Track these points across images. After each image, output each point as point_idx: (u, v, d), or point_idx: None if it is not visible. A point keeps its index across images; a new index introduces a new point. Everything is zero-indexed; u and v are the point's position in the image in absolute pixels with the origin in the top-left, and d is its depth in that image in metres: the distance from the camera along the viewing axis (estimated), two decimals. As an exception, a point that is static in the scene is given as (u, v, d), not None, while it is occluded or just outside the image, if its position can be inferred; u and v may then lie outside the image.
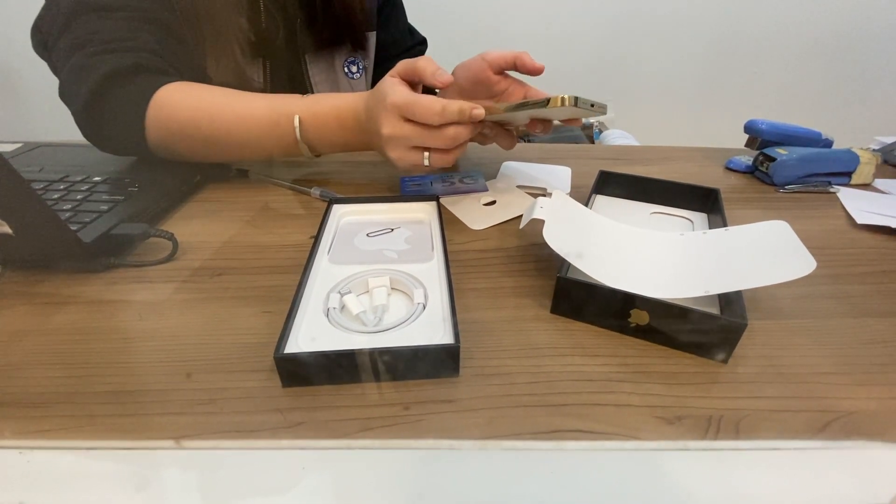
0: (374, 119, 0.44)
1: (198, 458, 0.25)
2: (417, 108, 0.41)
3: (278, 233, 0.44)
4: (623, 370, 0.30)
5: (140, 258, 0.40)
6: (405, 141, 0.43)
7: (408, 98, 0.42)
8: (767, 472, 0.24)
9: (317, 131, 0.49)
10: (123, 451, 0.25)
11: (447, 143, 0.43)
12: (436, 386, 0.28)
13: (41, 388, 0.28)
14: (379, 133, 0.44)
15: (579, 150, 0.70)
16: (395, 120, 0.43)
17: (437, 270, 0.36)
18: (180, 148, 0.50)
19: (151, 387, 0.28)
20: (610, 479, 0.24)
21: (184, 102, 0.48)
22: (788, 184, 0.55)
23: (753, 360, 0.31)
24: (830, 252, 0.43)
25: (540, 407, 0.27)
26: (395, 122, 0.43)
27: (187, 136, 0.49)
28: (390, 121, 0.43)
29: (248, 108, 0.49)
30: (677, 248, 0.38)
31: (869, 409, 0.27)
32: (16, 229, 0.32)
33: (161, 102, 0.48)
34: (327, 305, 0.32)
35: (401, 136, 0.43)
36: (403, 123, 0.43)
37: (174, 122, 0.48)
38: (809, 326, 0.34)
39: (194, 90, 0.49)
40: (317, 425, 0.26)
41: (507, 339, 0.32)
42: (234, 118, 0.48)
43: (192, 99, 0.49)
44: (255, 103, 0.49)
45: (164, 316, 0.34)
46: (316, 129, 0.49)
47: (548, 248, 0.33)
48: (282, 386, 0.28)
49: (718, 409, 0.27)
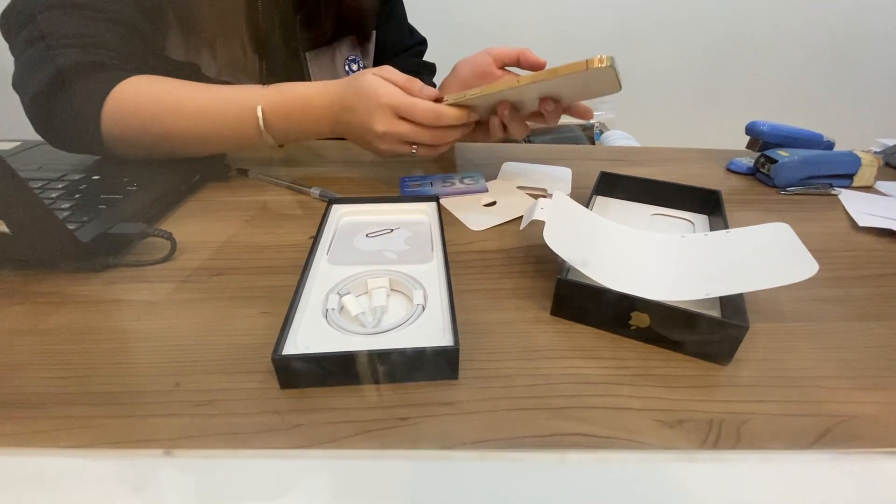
0: (359, 114, 0.46)
1: (195, 461, 0.24)
2: (416, 112, 0.45)
3: (277, 233, 0.44)
4: (623, 373, 0.29)
5: (138, 258, 0.39)
6: (399, 137, 0.46)
7: (404, 100, 0.45)
8: (769, 476, 0.24)
9: (280, 122, 0.48)
10: (120, 453, 0.25)
11: (439, 141, 0.47)
12: (435, 388, 0.28)
13: (38, 388, 0.28)
14: (369, 129, 0.46)
15: (580, 150, 0.69)
16: (389, 118, 0.45)
17: (436, 271, 0.36)
18: (143, 143, 0.49)
19: (149, 388, 0.28)
20: (610, 482, 0.24)
21: (145, 97, 0.47)
22: (790, 186, 0.55)
23: (754, 364, 0.30)
24: (832, 255, 0.43)
25: (540, 410, 0.27)
26: (389, 120, 0.45)
27: (148, 132, 0.48)
28: (385, 119, 0.45)
29: (209, 101, 0.48)
30: (678, 250, 0.38)
31: (871, 414, 0.27)
32: (13, 228, 0.32)
33: (120, 97, 0.46)
34: (326, 306, 0.32)
35: (395, 134, 0.46)
36: (398, 121, 0.46)
37: (134, 118, 0.47)
38: (811, 330, 0.34)
39: (155, 83, 0.48)
40: (315, 428, 0.26)
41: (506, 341, 0.32)
42: (195, 111, 0.48)
43: (153, 92, 0.48)
44: (217, 95, 0.48)
45: (162, 316, 0.34)
46: (280, 120, 0.48)
47: (548, 250, 0.33)
48: (280, 388, 0.28)
49: (719, 413, 0.27)
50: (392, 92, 0.45)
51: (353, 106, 0.47)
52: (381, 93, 0.45)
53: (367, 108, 0.45)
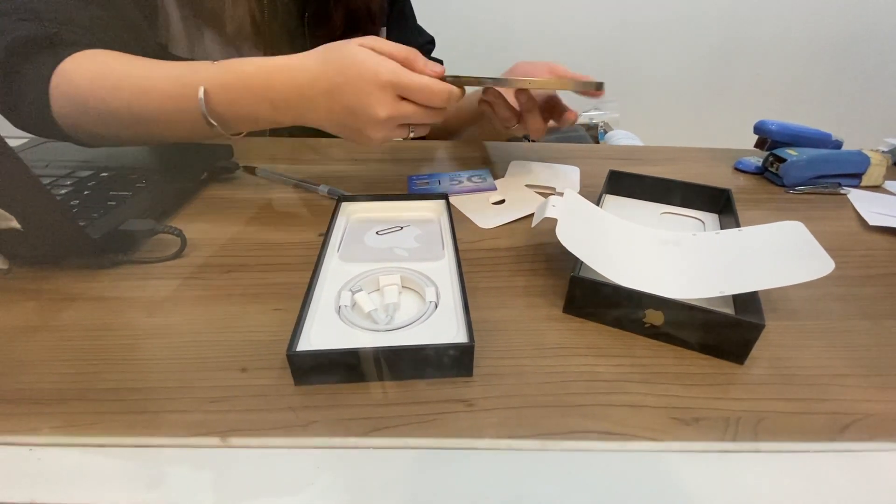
0: (348, 97, 0.39)
1: (209, 456, 0.24)
2: (431, 94, 0.39)
3: (287, 230, 0.44)
4: (638, 371, 0.29)
5: (148, 255, 0.39)
6: (400, 120, 0.40)
7: (412, 79, 0.38)
8: (786, 475, 0.24)
9: (229, 107, 0.41)
10: (134, 449, 0.25)
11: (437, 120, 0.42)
12: (449, 385, 0.28)
13: (50, 384, 0.28)
14: (366, 114, 0.39)
15: (586, 149, 0.69)
16: (391, 100, 0.39)
17: (448, 269, 0.36)
18: (89, 126, 0.44)
19: (162, 384, 0.28)
20: (627, 480, 0.24)
21: (87, 72, 0.42)
22: (798, 185, 0.55)
23: (769, 362, 0.30)
24: (842, 254, 0.43)
25: (554, 407, 0.27)
26: (391, 102, 0.39)
27: (91, 111, 0.42)
28: (386, 101, 0.38)
29: (149, 79, 0.41)
30: (691, 248, 0.37)
31: (887, 412, 0.27)
32: (24, 224, 0.32)
33: (64, 71, 0.42)
34: (339, 303, 0.32)
35: (398, 117, 0.40)
36: (401, 103, 0.39)
37: (77, 95, 0.42)
38: (824, 328, 0.34)
39: (101, 58, 0.43)
40: (330, 424, 0.26)
41: (519, 338, 0.32)
42: (134, 90, 0.41)
43: (96, 67, 0.42)
44: (160, 72, 0.42)
45: (173, 313, 0.34)
46: (228, 105, 0.41)
47: (559, 247, 0.33)
48: (294, 384, 0.28)
49: (736, 411, 0.27)
50: (394, 68, 0.38)
51: (336, 87, 0.39)
52: (380, 70, 0.38)
53: (360, 89, 0.38)
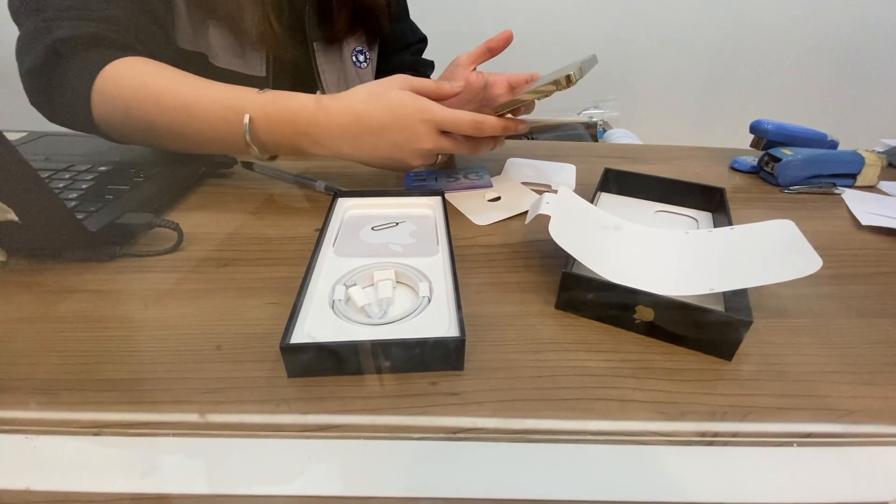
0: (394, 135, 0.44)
1: (203, 447, 0.25)
2: (461, 125, 0.44)
3: (283, 225, 0.44)
4: (627, 366, 0.30)
5: (145, 248, 0.40)
6: (438, 151, 0.46)
7: (447, 115, 0.44)
8: (771, 470, 0.24)
9: (271, 137, 0.45)
10: (129, 438, 0.25)
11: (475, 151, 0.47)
12: (440, 378, 0.28)
13: (47, 374, 0.28)
14: (413, 148, 0.45)
15: (584, 147, 0.70)
16: (435, 135, 0.44)
17: (441, 264, 0.36)
18: (127, 130, 0.47)
19: (157, 375, 0.28)
20: (613, 474, 0.24)
21: (132, 80, 0.44)
22: (793, 184, 0.55)
23: (757, 359, 0.31)
24: (835, 253, 0.43)
25: (544, 401, 0.27)
26: (436, 137, 0.44)
27: (132, 118, 0.45)
28: (431, 136, 0.44)
29: (195, 98, 0.44)
30: (683, 245, 0.38)
31: (872, 409, 0.27)
32: (22, 217, 0.32)
33: (109, 76, 0.44)
34: (333, 297, 0.32)
35: (438, 149, 0.46)
36: (441, 137, 0.45)
37: (119, 101, 0.44)
38: (813, 326, 0.34)
39: (146, 68, 0.45)
40: (321, 415, 0.26)
41: (511, 333, 0.32)
42: (178, 106, 0.44)
43: (141, 77, 0.45)
44: (206, 92, 0.44)
45: (169, 305, 0.34)
46: (270, 134, 0.45)
47: (553, 244, 0.33)
48: (287, 376, 0.28)
49: (722, 406, 0.27)
50: (432, 108, 0.43)
51: (385, 126, 0.44)
52: (422, 109, 0.43)
53: (406, 127, 0.43)
